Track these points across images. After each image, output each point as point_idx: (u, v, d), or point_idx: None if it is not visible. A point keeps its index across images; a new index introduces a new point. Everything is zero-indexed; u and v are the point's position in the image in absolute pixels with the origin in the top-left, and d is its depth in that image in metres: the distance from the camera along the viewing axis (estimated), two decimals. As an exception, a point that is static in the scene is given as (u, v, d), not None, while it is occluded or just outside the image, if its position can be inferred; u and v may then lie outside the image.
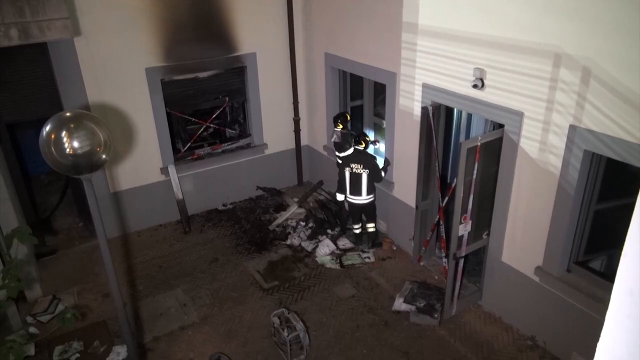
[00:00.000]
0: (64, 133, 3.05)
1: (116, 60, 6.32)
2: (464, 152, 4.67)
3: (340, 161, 6.76)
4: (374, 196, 6.43)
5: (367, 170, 6.20)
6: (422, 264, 6.22)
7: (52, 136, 3.04)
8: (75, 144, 3.06)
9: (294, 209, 7.44)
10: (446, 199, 5.76)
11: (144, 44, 6.45)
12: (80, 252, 6.74)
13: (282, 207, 7.68)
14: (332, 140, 6.81)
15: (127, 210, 7.04)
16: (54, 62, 5.96)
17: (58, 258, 6.66)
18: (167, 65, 6.68)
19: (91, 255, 6.61)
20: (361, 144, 6.22)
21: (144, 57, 6.50)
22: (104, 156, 3.22)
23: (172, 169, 7.14)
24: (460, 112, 7.01)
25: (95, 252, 6.59)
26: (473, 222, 5.03)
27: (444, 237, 5.78)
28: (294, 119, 7.97)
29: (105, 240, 3.50)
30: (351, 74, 7.13)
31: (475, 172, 4.84)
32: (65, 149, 3.05)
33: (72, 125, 3.10)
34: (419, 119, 5.57)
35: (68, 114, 3.18)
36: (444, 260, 5.87)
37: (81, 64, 6.09)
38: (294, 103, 7.87)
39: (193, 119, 7.51)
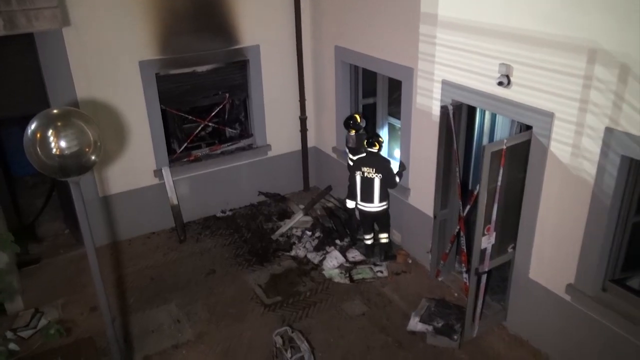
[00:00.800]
0: (50, 132, 3.08)
1: (108, 52, 6.38)
2: (488, 157, 4.65)
3: (351, 163, 6.77)
4: (388, 204, 6.42)
5: (380, 174, 6.20)
6: (440, 279, 6.19)
7: (38, 135, 3.07)
8: (63, 143, 3.09)
9: (299, 217, 7.45)
10: (467, 207, 5.74)
11: (138, 35, 6.51)
12: (66, 261, 6.79)
13: (287, 215, 7.69)
14: (348, 145, 6.82)
15: (117, 216, 7.09)
16: (41, 54, 6.03)
17: (42, 267, 6.71)
18: (162, 58, 6.73)
19: (78, 264, 6.65)
20: (374, 145, 6.22)
21: (138, 49, 6.55)
22: (93, 157, 3.25)
23: (166, 172, 7.18)
24: (483, 112, 6.99)
25: (83, 261, 6.62)
26: (497, 233, 5.00)
27: (465, 250, 5.75)
28: (300, 118, 7.99)
29: (94, 249, 3.53)
30: (363, 69, 7.14)
31: (499, 178, 4.82)
32: (51, 149, 3.08)
33: (59, 124, 3.13)
34: (437, 119, 5.56)
35: (55, 111, 3.21)
36: (465, 275, 5.83)
37: (70, 56, 6.16)
38: (300, 100, 7.89)
39: (190, 117, 7.56)
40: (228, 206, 7.90)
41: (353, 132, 6.72)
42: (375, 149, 6.23)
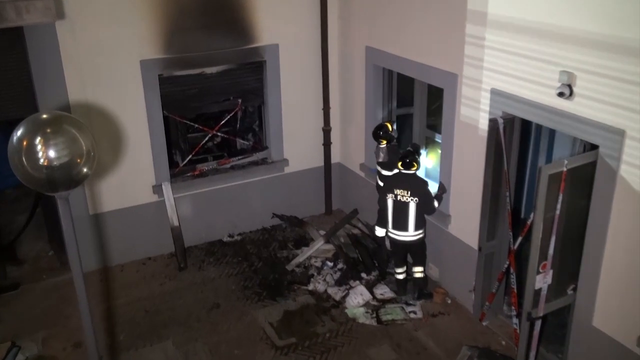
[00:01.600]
0: (38, 139, 3.12)
1: (105, 49, 6.53)
2: (545, 180, 4.60)
3: (381, 183, 6.74)
4: (424, 232, 6.37)
5: (416, 198, 6.17)
6: (484, 324, 6.09)
7: (25, 143, 3.11)
8: (52, 153, 3.13)
9: (319, 245, 7.43)
10: (519, 240, 5.66)
11: (140, 30, 6.65)
12: (48, 287, 6.87)
13: (305, 242, 7.69)
14: (378, 160, 6.81)
15: (109, 237, 7.17)
16: (30, 51, 6.19)
17: (21, 294, 6.79)
18: (167, 57, 6.86)
19: (62, 292, 6.72)
20: (412, 166, 6.20)
21: (140, 46, 6.69)
22: (85, 170, 3.28)
23: (167, 188, 7.26)
24: (539, 128, 6.92)
25: (67, 288, 6.69)
26: (555, 272, 4.91)
27: (516, 290, 5.66)
28: (323, 130, 8.02)
29: (81, 275, 3.55)
30: (399, 74, 7.15)
31: (558, 206, 4.75)
32: (39, 160, 3.12)
33: (48, 130, 3.17)
34: (485, 134, 5.53)
35: (44, 116, 3.25)
36: (515, 320, 5.73)
37: (63, 54, 6.31)
38: (324, 109, 7.93)
39: (196, 125, 7.65)
40: (236, 230, 7.94)
41: (384, 144, 6.72)
42: (412, 171, 6.21)
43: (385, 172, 6.75)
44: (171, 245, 7.38)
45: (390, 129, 6.73)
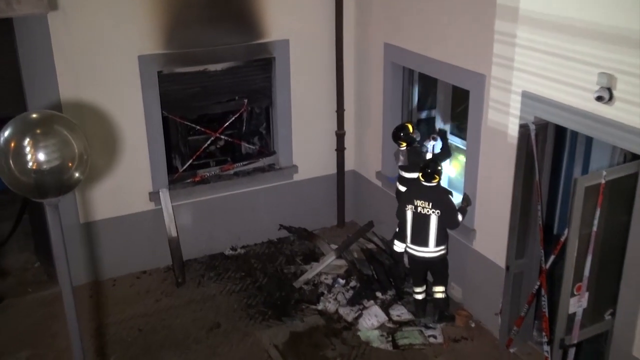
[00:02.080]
0: (27, 141, 3.14)
1: (101, 43, 6.58)
2: (581, 193, 4.57)
3: (402, 188, 6.75)
4: (446, 248, 6.35)
5: (438, 210, 6.15)
6: (512, 350, 6.05)
7: (12, 145, 3.13)
8: (42, 156, 3.15)
9: (330, 260, 7.42)
10: (551, 258, 5.62)
11: (139, 23, 6.70)
12: (34, 302, 6.90)
13: (314, 257, 7.68)
14: (398, 164, 6.82)
15: (101, 248, 7.21)
16: (20, 45, 6.24)
17: (4, 309, 6.82)
18: (167, 53, 6.91)
19: (49, 308, 6.74)
20: (433, 178, 6.19)
21: (138, 41, 6.74)
22: (77, 174, 3.30)
23: (165, 195, 7.29)
24: (575, 135, 6.88)
25: (55, 304, 6.71)
26: (591, 295, 4.87)
27: (547, 314, 5.62)
28: (336, 134, 8.03)
29: (70, 289, 3.56)
30: (420, 74, 7.15)
31: (595, 222, 4.72)
32: (27, 163, 3.14)
33: (38, 131, 3.20)
34: (515, 140, 5.50)
35: (34, 116, 3.28)
36: (546, 347, 5.68)
37: (55, 48, 6.37)
38: (337, 111, 7.95)
39: (198, 128, 7.69)
40: (240, 242, 7.95)
41: (404, 146, 6.71)
42: (434, 183, 6.20)
43: (406, 174, 6.75)
44: (168, 258, 7.40)
45: (412, 130, 6.73)
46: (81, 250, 7.07)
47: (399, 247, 6.56)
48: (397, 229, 6.59)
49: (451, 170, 7.16)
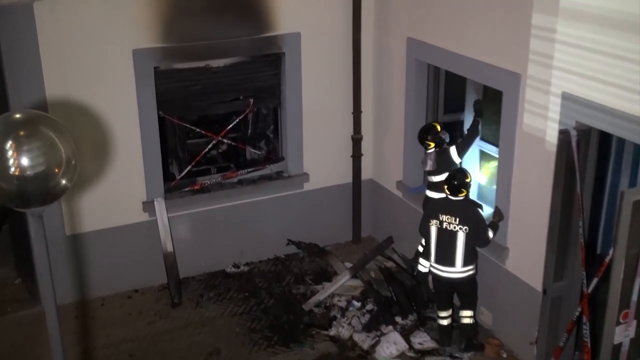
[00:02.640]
0: (9, 144, 3.15)
1: (92, 36, 6.63)
2: (628, 207, 4.54)
3: (430, 194, 6.76)
4: (475, 268, 6.32)
5: (466, 227, 6.13)
6: (549, 385, 6.00)
7: (-7, 148, 3.16)
8: (25, 161, 3.16)
9: (344, 280, 7.41)
10: (594, 281, 5.58)
11: (134, 13, 6.74)
12: (14, 323, 6.92)
13: (327, 276, 7.68)
14: (425, 169, 6.82)
15: (89, 263, 7.23)
16: (2, 37, 6.29)
17: (-19, 330, 6.87)
18: (165, 46, 6.95)
19: (30, 329, 6.76)
20: (460, 192, 6.17)
21: (133, 33, 6.78)
22: (64, 182, 3.30)
23: (160, 205, 7.31)
24: (622, 143, 6.84)
25: (37, 325, 6.72)
26: (639, 323, 4.81)
27: (589, 344, 5.57)
28: (352, 138, 8.04)
29: (55, 308, 3.56)
30: (447, 73, 7.14)
31: (645, 240, 4.67)
32: (9, 168, 3.15)
33: (22, 133, 3.21)
34: (554, 148, 5.48)
35: (17, 116, 3.29)
36: (587, 382, 5.63)
37: (41, 40, 6.41)
38: (354, 113, 7.96)
39: (198, 130, 7.72)
40: (243, 258, 7.96)
41: (432, 147, 6.71)
42: (461, 196, 6.18)
43: (436, 178, 6.76)
44: (163, 275, 7.41)
45: (440, 129, 6.74)
46: (67, 266, 7.10)
47: (422, 266, 6.54)
48: (420, 246, 6.57)
49: (481, 177, 7.15)
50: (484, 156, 7.12)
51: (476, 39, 6.25)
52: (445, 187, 6.25)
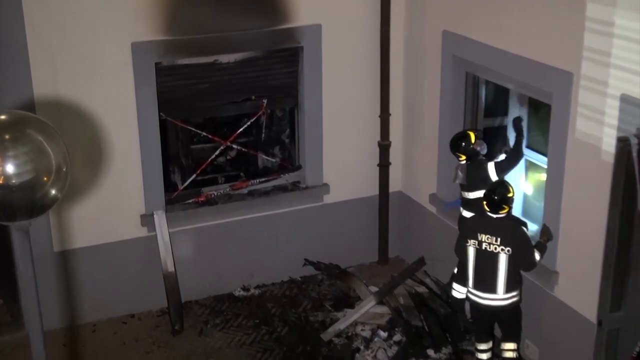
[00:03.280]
0: (-7, 149, 3.19)
1: (85, 27, 6.68)
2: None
3: (465, 214, 6.73)
4: (519, 295, 6.28)
5: (509, 247, 6.09)
6: None
7: (-26, 154, 3.19)
8: (10, 168, 3.18)
9: (369, 307, 7.39)
10: (657, 311, 5.52)
11: (132, 3, 6.78)
12: (-6, 351, 6.98)
13: (348, 302, 7.67)
14: (455, 182, 6.80)
15: (79, 284, 7.26)
16: (-13, 27, 6.39)
17: (-43, 358, 6.91)
18: (167, 39, 6.99)
19: (12, 357, 6.78)
20: (501, 208, 6.13)
21: (132, 24, 6.82)
22: (54, 192, 3.32)
23: (160, 219, 7.33)
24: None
25: (20, 352, 6.75)
26: None
27: (651, 384, 5.51)
28: (379, 144, 8.04)
29: (41, 334, 3.57)
30: (488, 71, 7.12)
31: None
32: (-8, 177, 3.18)
33: (7, 137, 3.23)
34: (611, 158, 5.43)
35: (2, 117, 3.32)
36: None
37: (28, 32, 6.46)
38: (381, 116, 7.95)
39: (204, 134, 7.75)
40: (254, 280, 7.97)
41: (463, 159, 6.68)
42: (502, 213, 6.14)
43: (468, 195, 6.74)
44: (163, 298, 7.42)
45: (474, 140, 6.69)
46: (55, 286, 7.13)
47: (458, 292, 6.50)
48: (457, 269, 6.54)
49: (527, 188, 7.10)
50: (530, 166, 7.08)
51: (522, 32, 6.23)
52: (484, 202, 6.21)
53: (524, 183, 7.13)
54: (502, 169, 6.65)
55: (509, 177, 6.91)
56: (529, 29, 6.16)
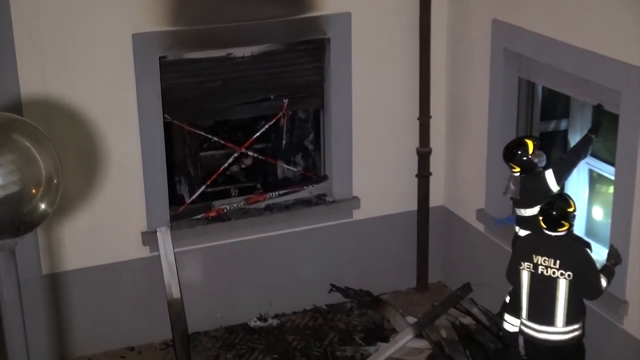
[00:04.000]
0: (-26, 158, 3.22)
1: (80, 17, 6.73)
2: None
3: (520, 232, 6.71)
4: (582, 328, 6.22)
5: (570, 272, 6.04)
6: None
7: (-47, 163, 3.22)
8: (-6, 179, 3.22)
9: (406, 340, 7.35)
10: None
11: (135, -11, 6.88)
12: (-26, 388, 7.04)
13: (382, 335, 7.66)
14: (506, 195, 6.76)
15: (72, 312, 7.29)
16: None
17: None
18: (173, 30, 7.02)
19: (-6, 397, 6.88)
20: (561, 225, 6.08)
21: (132, 12, 6.86)
22: (43, 206, 3.33)
23: (164, 237, 7.34)
24: None
25: (3, 391, 6.85)
26: None
27: None
28: (418, 152, 8.02)
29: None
30: (545, 67, 7.08)
31: None
32: (-27, 189, 3.21)
33: (-10, 143, 3.28)
34: (691, 169, 5.41)
35: (-15, 120, 3.37)
36: None
37: (15, 24, 6.51)
38: (420, 119, 7.94)
39: (214, 139, 7.78)
40: (272, 309, 7.98)
41: (517, 171, 6.63)
42: (562, 231, 6.09)
43: (523, 212, 6.71)
44: (167, 328, 7.41)
45: (532, 149, 6.64)
46: (44, 315, 7.16)
47: (510, 324, 6.47)
48: (509, 298, 6.50)
49: (590, 207, 7.05)
50: (595, 178, 7.03)
51: (585, 22, 6.21)
52: (541, 218, 6.15)
53: (588, 196, 7.08)
54: (561, 172, 6.56)
55: (570, 190, 6.89)
56: (593, 18, 6.14)
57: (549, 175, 6.53)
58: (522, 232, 6.73)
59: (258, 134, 7.80)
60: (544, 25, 6.62)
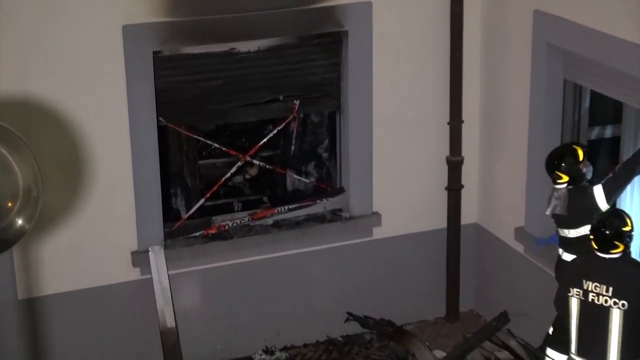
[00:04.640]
0: (-56, 167, 3.22)
1: (64, 7, 6.74)
2: None
3: (565, 256, 6.66)
4: (637, 367, 6.18)
5: (625, 300, 5.99)
6: None
7: None
8: (-35, 191, 3.21)
9: (433, 377, 7.35)
10: None
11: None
12: None
13: (405, 370, 7.63)
14: (549, 212, 6.72)
15: (51, 342, 7.28)
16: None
17: None
18: (169, 22, 7.03)
19: None
20: (615, 246, 6.03)
21: (122, 3, 6.87)
22: (20, 221, 3.35)
23: (157, 257, 7.33)
24: None
25: None
26: None
27: None
28: (449, 161, 8.01)
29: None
30: (594, 63, 7.06)
31: None
32: (-57, 203, 3.20)
33: (-38, 151, 3.27)
34: None
35: (-43, 125, 3.36)
36: None
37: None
38: (451, 124, 7.93)
39: (215, 146, 7.78)
40: (280, 340, 7.97)
41: (564, 182, 6.58)
42: (615, 253, 6.04)
43: (570, 233, 6.66)
44: (160, 362, 7.45)
45: (581, 157, 6.60)
46: (19, 344, 7.16)
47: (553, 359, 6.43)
48: (552, 329, 6.47)
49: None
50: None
51: (637, 14, 6.17)
52: (592, 238, 6.10)
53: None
54: (613, 189, 6.51)
55: (625, 206, 6.84)
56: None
57: (598, 191, 6.45)
58: (567, 256, 6.66)
59: (265, 140, 7.81)
60: (591, 17, 6.59)
